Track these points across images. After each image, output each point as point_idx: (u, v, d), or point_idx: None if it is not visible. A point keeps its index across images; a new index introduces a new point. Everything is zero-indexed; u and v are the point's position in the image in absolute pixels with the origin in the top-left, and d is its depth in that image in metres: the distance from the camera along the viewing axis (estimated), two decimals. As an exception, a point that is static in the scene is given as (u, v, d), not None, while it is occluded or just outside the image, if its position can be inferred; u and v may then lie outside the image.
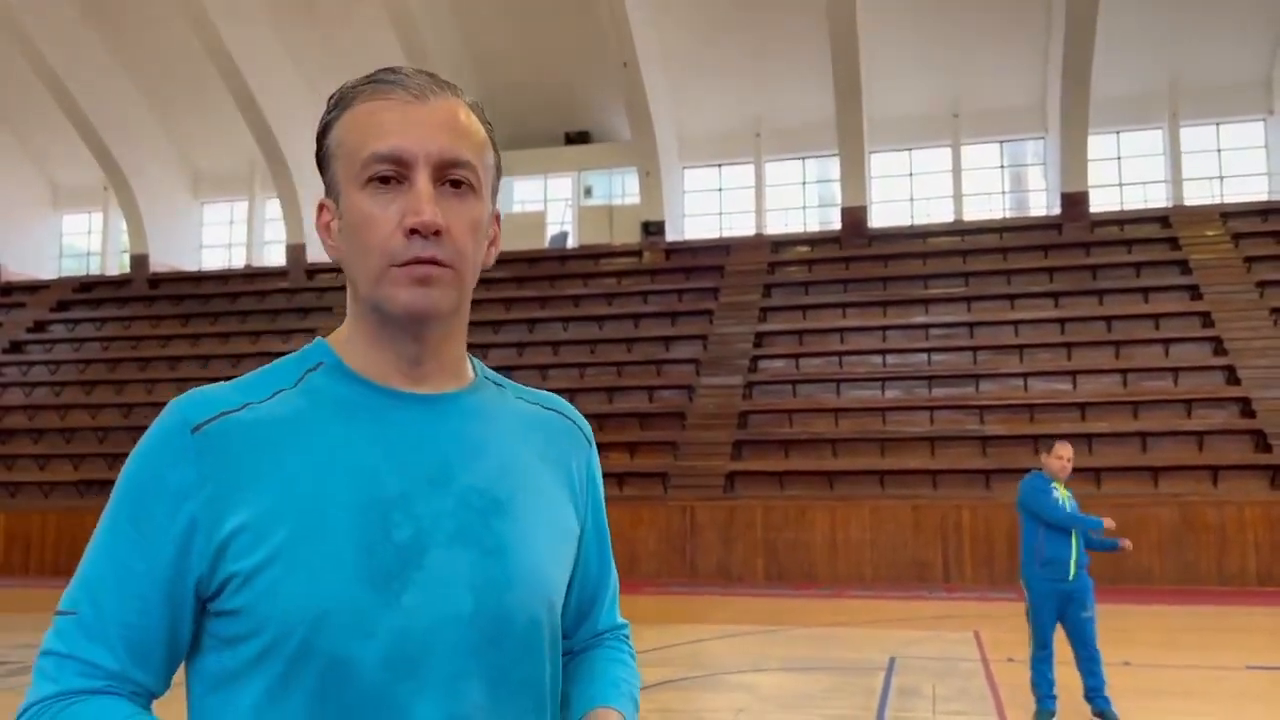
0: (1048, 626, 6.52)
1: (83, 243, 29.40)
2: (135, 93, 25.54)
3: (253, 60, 23.21)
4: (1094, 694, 6.41)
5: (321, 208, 1.12)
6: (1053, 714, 6.47)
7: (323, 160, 1.11)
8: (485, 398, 1.16)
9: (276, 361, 1.12)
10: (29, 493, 19.67)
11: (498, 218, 1.17)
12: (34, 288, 26.77)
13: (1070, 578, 6.43)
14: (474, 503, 1.07)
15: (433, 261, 1.03)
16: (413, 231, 1.02)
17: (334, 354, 1.11)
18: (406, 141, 1.04)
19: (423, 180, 1.04)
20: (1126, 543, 6.48)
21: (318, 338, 1.15)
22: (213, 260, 27.96)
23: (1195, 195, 22.17)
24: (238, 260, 27.64)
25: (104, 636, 0.99)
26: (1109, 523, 6.52)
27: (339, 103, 1.09)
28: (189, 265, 27.16)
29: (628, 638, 1.32)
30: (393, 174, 1.04)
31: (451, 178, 1.06)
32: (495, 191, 1.15)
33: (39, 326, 25.14)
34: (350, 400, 1.08)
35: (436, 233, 1.03)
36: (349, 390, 1.08)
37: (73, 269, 28.79)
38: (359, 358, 1.10)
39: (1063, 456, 6.59)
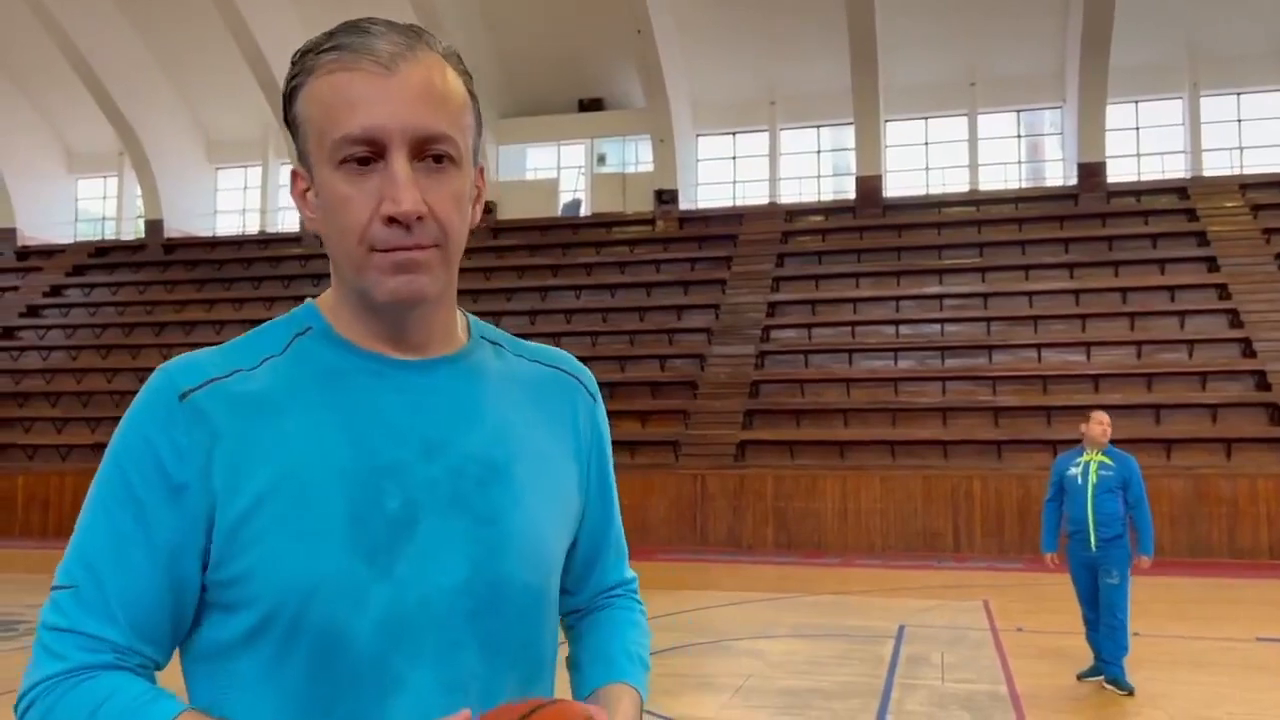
0: (1080, 592, 6.70)
1: (98, 207, 29.44)
2: (149, 58, 25.48)
3: (266, 25, 23.10)
4: (1109, 662, 6.47)
5: (295, 175, 1.07)
6: (1098, 673, 6.58)
7: (291, 126, 1.05)
8: (480, 359, 1.13)
9: (263, 326, 1.09)
10: (47, 455, 19.86)
11: (482, 171, 1.12)
12: (50, 252, 26.86)
13: (1092, 547, 6.53)
14: (469, 470, 1.05)
15: (417, 246, 1.00)
16: (392, 220, 0.98)
17: (323, 318, 1.09)
18: (379, 119, 0.98)
19: (399, 162, 0.99)
20: (1142, 561, 6.54)
21: (307, 300, 1.12)
22: (227, 226, 27.98)
23: (1214, 166, 21.94)
24: (251, 226, 27.66)
25: (105, 610, 0.97)
26: (1048, 559, 6.87)
27: (302, 67, 1.02)
28: (203, 231, 27.20)
29: (636, 592, 1.31)
30: (368, 154, 0.99)
31: (431, 153, 1.01)
32: (477, 151, 1.09)
33: (55, 291, 25.26)
34: (339, 367, 1.05)
35: (419, 217, 0.99)
36: (338, 357, 1.06)
37: (88, 234, 28.84)
38: (346, 324, 1.07)
39: (1103, 421, 6.76)
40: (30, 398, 21.46)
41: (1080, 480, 6.63)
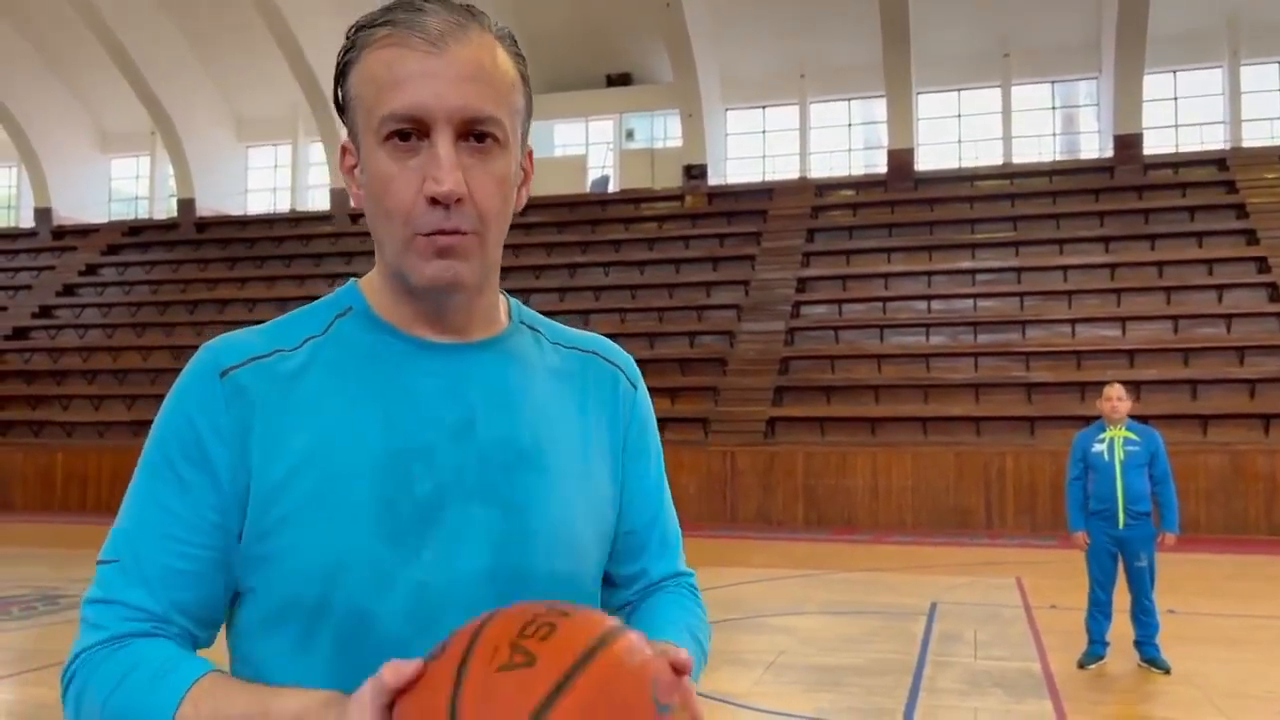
0: (1098, 574, 6.52)
1: (131, 187, 29.73)
2: (180, 37, 25.62)
3: (296, 3, 23.15)
4: (1143, 643, 6.41)
5: (344, 150, 1.09)
6: (1100, 658, 6.48)
7: (343, 104, 1.06)
8: (519, 344, 1.13)
9: (308, 306, 1.12)
10: (84, 432, 20.15)
11: (530, 154, 1.12)
12: (85, 231, 27.17)
13: (1120, 525, 6.42)
14: (496, 456, 1.05)
15: (456, 232, 1.00)
16: (434, 200, 0.99)
17: (363, 299, 1.10)
18: (425, 98, 0.98)
19: (444, 142, 0.99)
20: (1167, 539, 6.46)
21: (351, 280, 1.13)
22: (258, 204, 28.18)
23: (1254, 137, 21.53)
24: (282, 204, 27.84)
25: (145, 580, 0.99)
26: (1077, 538, 6.57)
27: (355, 42, 1.04)
28: (234, 209, 27.40)
29: (694, 587, 1.25)
30: (412, 131, 1.00)
31: (476, 132, 1.01)
32: (525, 135, 1.09)
33: (90, 270, 25.55)
34: (377, 349, 1.06)
35: (459, 200, 0.99)
36: (376, 338, 1.07)
37: (121, 213, 29.14)
38: (387, 305, 1.08)
39: (1111, 397, 6.61)
40: (68, 375, 21.76)
41: (1107, 457, 6.49)
